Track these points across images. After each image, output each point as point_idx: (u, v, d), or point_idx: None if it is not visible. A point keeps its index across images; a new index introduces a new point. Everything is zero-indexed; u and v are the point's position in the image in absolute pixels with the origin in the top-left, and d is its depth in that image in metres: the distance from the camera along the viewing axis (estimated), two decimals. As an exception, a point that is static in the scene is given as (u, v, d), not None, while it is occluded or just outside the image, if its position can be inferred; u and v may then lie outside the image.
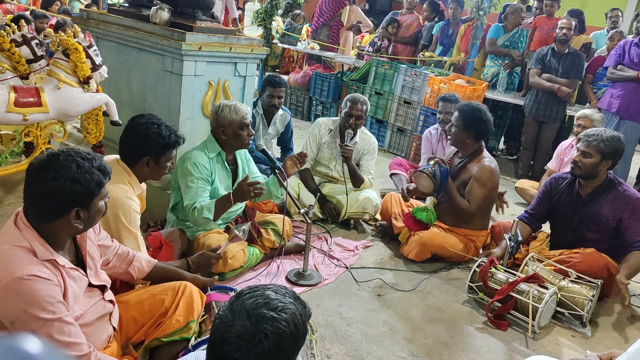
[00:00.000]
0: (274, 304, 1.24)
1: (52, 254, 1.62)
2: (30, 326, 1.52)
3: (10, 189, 3.58)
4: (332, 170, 4.09)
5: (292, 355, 1.25)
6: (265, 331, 1.19)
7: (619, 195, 3.15)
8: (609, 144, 3.12)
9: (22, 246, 1.58)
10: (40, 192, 1.59)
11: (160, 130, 2.41)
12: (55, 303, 1.56)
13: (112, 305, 1.89)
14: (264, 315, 1.21)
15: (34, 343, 0.57)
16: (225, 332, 1.21)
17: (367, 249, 3.63)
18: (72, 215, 1.62)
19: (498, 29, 6.39)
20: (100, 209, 1.71)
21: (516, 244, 3.15)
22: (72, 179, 1.59)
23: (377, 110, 6.42)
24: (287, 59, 10.75)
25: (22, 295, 1.51)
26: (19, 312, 1.52)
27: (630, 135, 5.13)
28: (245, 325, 1.20)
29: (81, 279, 1.74)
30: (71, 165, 1.60)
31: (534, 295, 2.82)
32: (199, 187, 2.89)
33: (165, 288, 2.12)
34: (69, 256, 1.75)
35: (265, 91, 4.25)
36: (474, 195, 3.42)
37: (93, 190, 1.63)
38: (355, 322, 2.74)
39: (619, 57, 5.15)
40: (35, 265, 1.55)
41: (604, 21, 6.54)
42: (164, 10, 3.31)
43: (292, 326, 1.23)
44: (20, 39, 3.31)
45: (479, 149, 3.52)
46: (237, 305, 1.24)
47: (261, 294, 1.26)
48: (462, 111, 3.49)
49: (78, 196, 1.61)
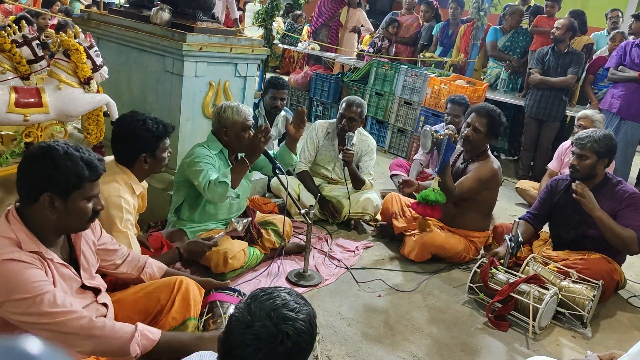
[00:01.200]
0: (291, 305, 1.25)
1: (38, 246, 1.62)
2: (20, 306, 1.53)
3: (10, 190, 3.58)
4: (331, 172, 4.09)
5: (308, 355, 1.27)
6: (287, 331, 1.20)
7: (615, 191, 3.19)
8: (602, 143, 3.15)
9: (7, 237, 1.58)
10: (23, 168, 1.62)
11: (146, 125, 2.38)
12: (39, 282, 1.55)
13: (105, 309, 1.87)
14: (285, 316, 1.22)
15: (35, 344, 0.57)
16: (244, 333, 1.20)
17: (367, 249, 3.63)
18: (45, 199, 1.60)
19: (496, 32, 6.40)
20: (81, 208, 1.66)
21: (517, 245, 3.15)
22: (53, 162, 1.59)
23: (378, 111, 6.42)
24: (288, 59, 10.75)
25: (3, 279, 1.52)
26: (3, 297, 1.52)
27: (631, 136, 5.13)
28: (265, 325, 1.20)
29: (72, 277, 1.73)
30: (59, 150, 1.61)
31: (534, 295, 2.82)
32: (209, 169, 2.86)
33: (160, 285, 2.08)
34: (62, 254, 1.74)
35: (268, 93, 4.25)
36: (463, 183, 3.38)
37: (69, 179, 1.61)
38: (356, 323, 2.74)
39: (620, 58, 5.16)
40: (16, 252, 1.55)
41: (604, 22, 6.54)
42: (164, 11, 3.32)
43: (308, 326, 1.25)
44: (21, 40, 3.31)
45: (485, 149, 3.52)
46: (255, 307, 1.24)
47: (277, 295, 1.27)
48: (487, 115, 3.40)
49: (52, 180, 1.59)
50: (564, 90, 5.50)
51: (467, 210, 3.51)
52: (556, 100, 5.48)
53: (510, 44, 6.33)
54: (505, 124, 3.51)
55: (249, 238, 3.17)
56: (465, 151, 3.57)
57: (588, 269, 3.06)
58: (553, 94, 5.47)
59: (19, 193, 1.64)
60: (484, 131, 3.41)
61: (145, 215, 3.32)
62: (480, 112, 3.44)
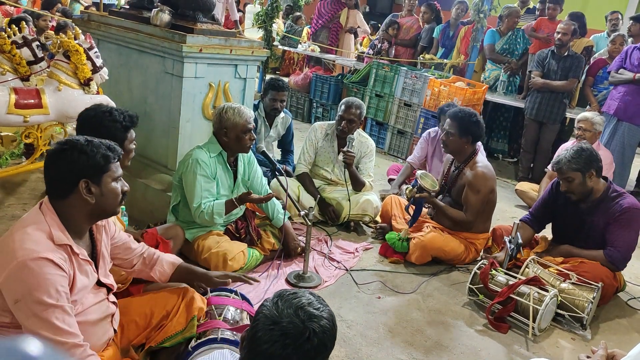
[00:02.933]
0: (315, 304, 1.28)
1: (69, 240, 1.66)
2: (33, 308, 1.54)
3: (10, 191, 3.58)
4: (330, 173, 4.10)
5: (329, 354, 1.29)
6: (314, 328, 1.22)
7: (612, 205, 3.15)
8: (577, 159, 3.11)
9: (42, 229, 1.62)
10: (51, 165, 1.67)
11: (113, 116, 2.36)
12: (61, 292, 1.58)
13: (115, 307, 1.90)
14: (311, 314, 1.25)
15: (35, 345, 0.57)
16: (271, 329, 1.22)
17: (367, 251, 3.62)
18: (82, 186, 1.65)
19: (494, 34, 6.40)
20: (113, 189, 1.73)
21: (516, 247, 3.15)
22: (80, 150, 1.66)
23: (378, 113, 6.42)
24: (288, 61, 10.76)
25: (32, 275, 1.54)
26: (25, 291, 1.54)
27: (629, 138, 5.13)
28: (293, 322, 1.22)
29: (92, 274, 1.76)
30: (81, 140, 1.69)
31: (534, 297, 2.82)
32: (204, 186, 2.90)
33: (167, 292, 2.15)
34: (86, 248, 1.77)
35: (268, 94, 4.25)
36: (470, 203, 3.43)
37: (99, 161, 1.67)
38: (356, 325, 2.74)
39: (621, 61, 5.18)
40: (51, 251, 1.59)
41: (604, 24, 6.55)
42: (164, 13, 3.32)
43: (332, 325, 1.28)
44: (21, 41, 3.31)
45: (473, 152, 3.54)
46: (282, 304, 1.26)
47: (302, 294, 1.30)
48: (456, 118, 3.49)
49: (84, 166, 1.65)
50: (564, 93, 5.51)
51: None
52: (556, 103, 5.49)
53: (509, 47, 6.34)
54: (481, 121, 3.53)
55: (249, 239, 3.17)
56: (453, 156, 3.64)
57: (587, 272, 3.06)
58: (553, 96, 5.48)
59: (51, 189, 1.70)
60: (456, 133, 3.47)
61: (145, 216, 3.33)
62: (449, 115, 3.57)
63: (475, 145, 3.56)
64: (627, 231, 3.10)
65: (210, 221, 2.94)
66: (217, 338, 1.99)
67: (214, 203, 2.92)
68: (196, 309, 2.08)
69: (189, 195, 2.94)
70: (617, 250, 3.09)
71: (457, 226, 3.51)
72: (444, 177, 3.74)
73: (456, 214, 3.48)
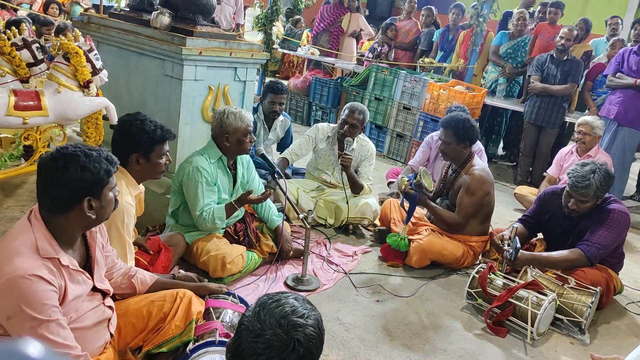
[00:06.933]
0: (300, 311, 1.25)
1: (57, 253, 1.62)
2: (26, 324, 1.53)
3: (9, 193, 3.58)
4: (329, 176, 4.10)
5: (318, 357, 1.27)
6: (298, 338, 1.20)
7: (600, 210, 3.16)
8: (604, 186, 3.08)
9: (29, 244, 1.59)
10: (53, 182, 1.61)
11: (143, 125, 2.36)
12: (52, 307, 1.56)
13: (111, 312, 1.89)
14: (295, 323, 1.22)
15: (35, 347, 0.57)
16: (254, 342, 1.20)
17: (365, 254, 3.62)
18: (85, 204, 1.63)
19: (503, 36, 6.40)
20: (111, 200, 1.73)
21: (515, 250, 3.15)
22: (82, 166, 1.62)
23: (377, 116, 6.43)
24: (287, 64, 10.77)
25: (22, 293, 1.52)
26: (16, 308, 1.52)
27: (628, 143, 5.14)
28: (276, 333, 1.20)
29: (86, 282, 1.74)
30: (79, 154, 1.63)
31: (533, 301, 2.82)
32: (205, 193, 2.90)
33: (164, 294, 2.13)
34: (78, 256, 1.75)
35: (267, 97, 4.26)
36: (462, 204, 3.46)
37: (102, 177, 1.66)
38: (354, 328, 2.73)
39: (618, 65, 5.17)
40: (39, 266, 1.56)
41: (603, 28, 6.57)
42: (164, 15, 3.32)
43: (318, 331, 1.25)
44: (21, 43, 3.31)
45: (470, 155, 3.56)
46: (264, 315, 1.23)
47: (285, 302, 1.27)
48: (450, 126, 3.50)
49: (89, 184, 1.63)
50: (563, 97, 5.52)
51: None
52: (555, 107, 5.50)
53: (513, 51, 6.33)
54: (475, 125, 3.55)
55: (247, 242, 3.17)
56: (451, 162, 3.67)
57: (586, 278, 3.06)
58: (552, 101, 5.50)
59: (49, 205, 1.64)
60: (452, 141, 3.49)
61: (143, 219, 3.32)
62: (443, 124, 3.58)
63: (471, 148, 3.57)
64: (607, 230, 3.08)
65: (213, 226, 2.94)
66: (215, 341, 1.99)
67: (214, 208, 2.92)
68: (194, 313, 2.07)
69: (191, 204, 2.94)
70: (594, 246, 3.06)
71: (449, 227, 3.52)
72: (441, 181, 3.75)
73: (447, 215, 3.50)
